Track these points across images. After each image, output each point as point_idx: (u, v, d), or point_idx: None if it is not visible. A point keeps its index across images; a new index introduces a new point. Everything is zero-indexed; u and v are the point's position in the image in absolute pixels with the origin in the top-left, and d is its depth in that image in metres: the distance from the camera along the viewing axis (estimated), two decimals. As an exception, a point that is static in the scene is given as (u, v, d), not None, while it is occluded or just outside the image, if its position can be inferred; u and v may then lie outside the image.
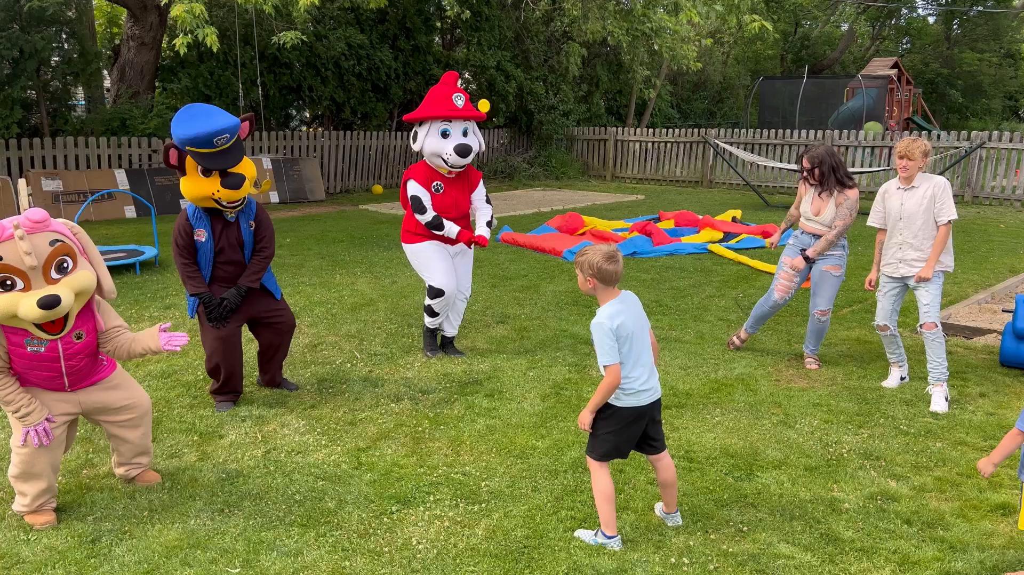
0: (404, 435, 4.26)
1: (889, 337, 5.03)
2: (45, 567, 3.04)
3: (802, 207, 5.35)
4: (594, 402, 3.13)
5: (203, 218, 4.38)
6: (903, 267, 4.85)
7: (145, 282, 7.62)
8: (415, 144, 5.22)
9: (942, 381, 4.72)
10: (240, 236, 4.48)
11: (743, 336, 5.73)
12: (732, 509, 3.50)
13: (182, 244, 4.38)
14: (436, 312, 5.43)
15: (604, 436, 3.18)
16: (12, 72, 11.20)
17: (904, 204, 4.79)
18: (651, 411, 3.22)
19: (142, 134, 12.67)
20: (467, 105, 5.21)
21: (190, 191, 4.30)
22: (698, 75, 24.35)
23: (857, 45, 32.94)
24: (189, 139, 4.15)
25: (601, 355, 3.08)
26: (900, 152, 4.76)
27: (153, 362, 5.41)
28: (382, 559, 3.11)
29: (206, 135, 4.14)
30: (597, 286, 3.15)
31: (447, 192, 5.27)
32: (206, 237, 4.38)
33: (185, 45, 8.20)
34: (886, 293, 4.98)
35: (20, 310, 3.04)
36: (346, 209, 13.10)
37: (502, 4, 17.31)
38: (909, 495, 3.64)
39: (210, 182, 4.25)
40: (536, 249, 9.46)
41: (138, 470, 3.70)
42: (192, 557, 3.11)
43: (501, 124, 18.15)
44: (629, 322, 3.11)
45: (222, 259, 4.45)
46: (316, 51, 14.59)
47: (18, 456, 3.29)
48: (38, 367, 3.27)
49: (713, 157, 16.65)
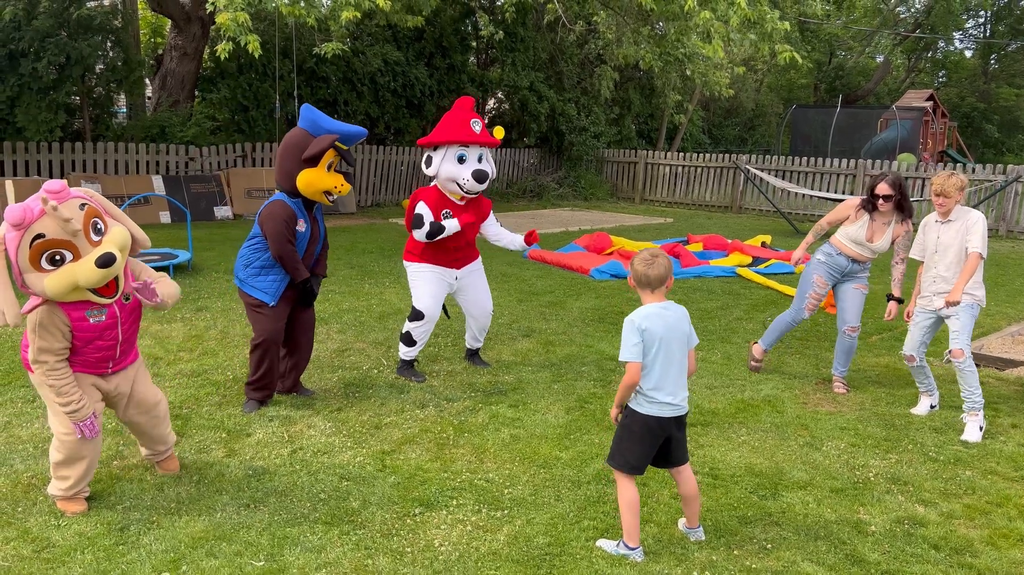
0: (428, 441, 4.29)
1: (916, 368, 4.99)
2: (75, 552, 3.10)
3: (850, 230, 5.26)
4: (616, 398, 3.23)
5: (301, 210, 4.55)
6: (937, 300, 4.82)
7: (178, 284, 7.73)
8: (429, 169, 5.16)
9: (977, 410, 4.66)
10: (320, 230, 4.73)
11: (759, 356, 5.70)
12: (756, 527, 3.48)
13: (289, 233, 4.47)
14: (414, 341, 5.26)
15: (624, 444, 3.21)
16: (58, 78, 11.49)
17: (940, 238, 4.78)
18: (672, 426, 3.21)
19: (180, 142, 12.92)
20: (483, 131, 5.19)
21: (315, 182, 4.43)
22: (730, 101, 24.36)
23: (892, 77, 32.79)
24: (346, 133, 4.47)
25: (622, 350, 3.13)
26: (936, 190, 4.73)
27: (184, 361, 5.50)
28: (404, 559, 3.12)
29: (356, 134, 4.54)
30: (637, 288, 3.20)
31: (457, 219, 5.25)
32: (305, 228, 4.56)
33: (227, 52, 8.37)
34: (918, 323, 4.94)
35: (80, 277, 3.06)
36: (376, 222, 13.22)
37: (537, 26, 17.48)
38: (937, 521, 3.59)
39: (335, 177, 4.49)
40: (563, 267, 9.48)
41: (165, 456, 3.79)
42: (217, 548, 3.14)
43: (532, 144, 18.27)
44: (660, 329, 3.12)
45: (308, 252, 4.66)
46: (353, 66, 14.81)
47: (63, 443, 3.34)
48: (99, 338, 3.29)
49: (743, 183, 16.62)
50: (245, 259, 4.58)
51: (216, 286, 7.77)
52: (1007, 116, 31.63)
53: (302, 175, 4.42)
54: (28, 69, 11.08)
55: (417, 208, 5.17)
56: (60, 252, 3.06)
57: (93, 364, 3.38)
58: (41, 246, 3.02)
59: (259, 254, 4.53)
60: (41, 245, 3.02)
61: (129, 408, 3.58)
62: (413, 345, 5.30)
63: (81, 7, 11.51)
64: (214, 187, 12.81)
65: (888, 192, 5.13)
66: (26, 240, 3.01)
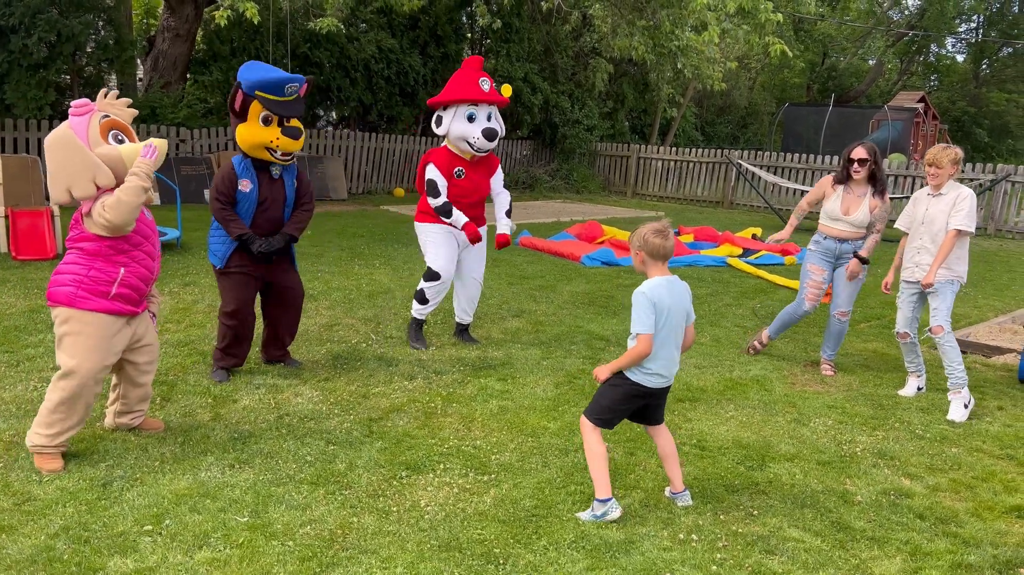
0: (416, 410, 4.27)
1: (909, 344, 4.99)
2: (56, 505, 3.06)
3: (827, 207, 5.28)
4: (618, 363, 3.17)
5: (250, 170, 4.41)
6: (917, 271, 4.83)
7: (166, 261, 7.67)
8: (439, 128, 5.21)
9: (960, 387, 4.67)
10: (284, 192, 4.53)
11: (764, 340, 5.68)
12: (743, 495, 3.48)
13: (223, 191, 4.37)
14: (427, 299, 5.34)
15: (606, 403, 3.22)
16: (48, 55, 11.39)
17: (929, 209, 4.78)
18: (655, 395, 3.24)
19: (171, 123, 12.83)
20: (492, 90, 5.23)
21: (248, 138, 4.30)
22: (723, 99, 24.40)
23: (884, 79, 32.92)
24: (261, 83, 4.21)
25: (636, 323, 3.11)
26: (928, 160, 4.75)
27: (172, 331, 5.45)
28: (390, 518, 3.10)
29: (278, 80, 4.22)
30: (646, 260, 3.18)
31: (468, 177, 5.28)
32: (251, 188, 4.40)
33: (225, 18, 8.31)
34: (905, 299, 4.95)
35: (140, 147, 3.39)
36: (367, 209, 13.18)
37: (533, 17, 17.45)
38: (923, 493, 3.60)
39: (269, 131, 4.30)
40: (554, 254, 9.47)
41: (141, 417, 3.77)
42: (201, 505, 3.12)
43: (525, 136, 18.24)
44: (667, 301, 3.13)
45: (265, 214, 4.47)
46: (347, 52, 14.74)
47: (69, 378, 3.33)
48: (148, 240, 3.53)
49: (735, 178, 16.65)
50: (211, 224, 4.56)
51: (204, 264, 7.71)
52: (997, 121, 31.83)
53: (238, 131, 4.33)
54: (18, 45, 10.98)
55: (428, 173, 5.19)
56: (121, 134, 3.45)
57: (134, 288, 3.45)
58: (109, 124, 3.42)
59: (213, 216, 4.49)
60: (108, 123, 3.42)
61: (135, 350, 3.60)
62: (426, 303, 5.36)
63: (73, -16, 11.42)
64: (204, 169, 12.74)
65: (864, 156, 5.11)
66: (95, 119, 3.38)
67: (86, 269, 3.37)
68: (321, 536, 2.95)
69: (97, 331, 3.37)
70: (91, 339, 3.35)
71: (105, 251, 3.37)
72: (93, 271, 3.36)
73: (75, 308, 3.34)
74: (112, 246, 3.38)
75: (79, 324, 3.34)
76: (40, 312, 5.68)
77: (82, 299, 3.34)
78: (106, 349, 3.40)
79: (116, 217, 3.27)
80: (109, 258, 3.38)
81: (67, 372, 3.35)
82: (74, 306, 3.34)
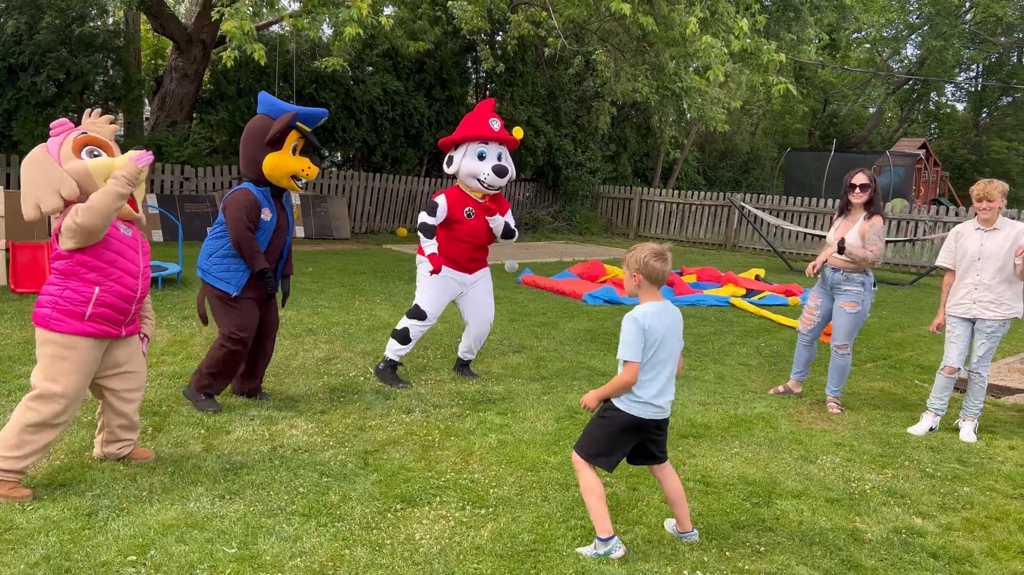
0: (413, 443, 4.17)
1: (949, 380, 4.89)
2: (38, 534, 2.96)
3: (828, 237, 5.28)
4: (603, 391, 3.05)
5: (268, 199, 4.44)
6: (975, 308, 4.77)
7: (166, 295, 7.64)
8: (450, 168, 5.20)
9: (975, 416, 4.69)
10: (287, 221, 4.60)
11: (795, 389, 5.63)
12: (749, 532, 3.36)
13: (253, 218, 4.33)
14: (409, 339, 5.17)
15: (596, 436, 3.09)
16: (56, 93, 11.51)
17: (984, 245, 4.74)
18: (652, 428, 3.11)
19: (176, 161, 12.90)
20: (502, 130, 5.24)
21: (280, 165, 4.34)
22: (726, 143, 24.58)
23: (885, 126, 33.20)
24: (305, 114, 4.38)
25: (624, 348, 3.00)
26: (978, 195, 4.70)
27: (168, 363, 5.38)
28: (383, 551, 2.99)
29: (317, 115, 4.46)
30: (642, 283, 3.08)
31: (479, 218, 5.24)
32: (271, 217, 4.43)
33: (232, 59, 8.39)
34: (957, 336, 4.86)
35: (116, 162, 3.32)
36: (370, 247, 13.17)
37: (536, 62, 17.67)
38: (935, 532, 3.48)
39: (300, 160, 4.40)
40: (557, 292, 9.41)
41: (130, 447, 3.68)
42: (188, 535, 3.01)
43: (528, 178, 18.32)
44: (660, 329, 3.03)
45: (274, 241, 4.49)
46: (352, 94, 14.88)
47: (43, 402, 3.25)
48: (125, 256, 3.40)
49: (738, 221, 16.66)
50: (209, 249, 4.47)
51: (204, 297, 7.67)
52: (998, 168, 31.93)
53: (267, 159, 4.35)
54: (27, 83, 11.10)
55: (436, 198, 5.18)
56: (97, 149, 3.42)
57: (113, 307, 3.34)
58: (84, 140, 3.39)
59: (221, 242, 4.42)
60: (83, 139, 3.39)
61: (113, 377, 3.51)
62: (406, 343, 5.21)
63: (84, 25, 11.58)
64: (207, 207, 12.77)
65: (865, 181, 5.12)
66: (71, 136, 3.37)
67: (60, 290, 3.30)
68: (311, 568, 2.84)
69: (73, 354, 3.29)
70: (66, 362, 3.28)
71: (76, 269, 3.29)
72: (67, 291, 3.29)
73: (51, 331, 3.28)
74: (82, 263, 3.29)
75: (54, 346, 3.28)
76: (34, 343, 5.60)
77: (56, 321, 3.28)
78: (85, 372, 3.33)
79: (85, 220, 3.17)
80: (81, 277, 3.30)
81: (41, 394, 3.27)
82: (49, 328, 3.28)
